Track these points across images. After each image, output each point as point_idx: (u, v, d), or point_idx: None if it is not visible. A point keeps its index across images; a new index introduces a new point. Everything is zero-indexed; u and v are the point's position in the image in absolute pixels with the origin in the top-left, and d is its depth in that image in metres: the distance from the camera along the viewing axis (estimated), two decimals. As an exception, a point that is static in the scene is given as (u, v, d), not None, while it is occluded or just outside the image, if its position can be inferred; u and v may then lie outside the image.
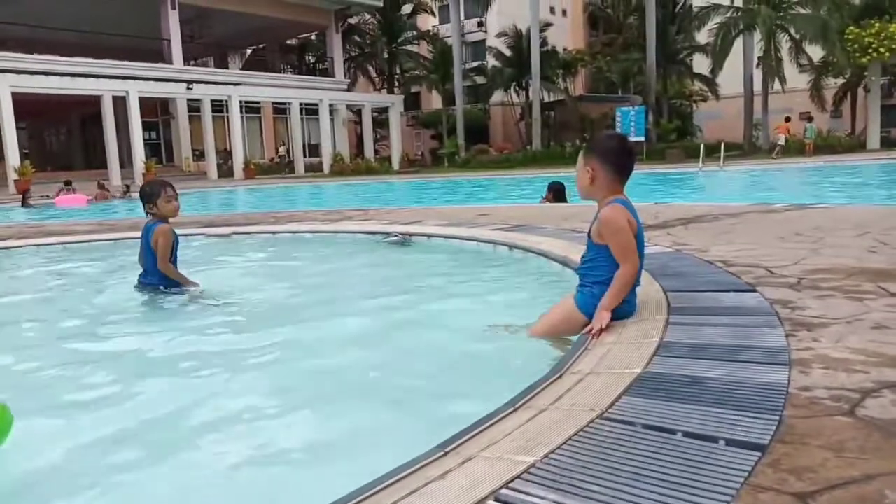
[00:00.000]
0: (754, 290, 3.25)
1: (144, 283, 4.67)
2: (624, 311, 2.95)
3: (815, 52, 28.86)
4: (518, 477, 1.53)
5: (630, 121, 29.62)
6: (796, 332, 2.52)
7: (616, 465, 1.56)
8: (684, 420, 1.78)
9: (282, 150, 35.79)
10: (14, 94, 23.67)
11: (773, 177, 19.78)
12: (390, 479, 1.55)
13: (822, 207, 7.41)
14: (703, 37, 32.87)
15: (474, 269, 5.49)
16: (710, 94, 36.07)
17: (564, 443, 1.70)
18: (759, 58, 29.13)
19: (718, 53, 29.69)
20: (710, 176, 20.35)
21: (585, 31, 49.69)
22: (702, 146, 24.42)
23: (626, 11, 43.34)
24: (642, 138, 29.56)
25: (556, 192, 9.56)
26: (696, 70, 36.54)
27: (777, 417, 1.76)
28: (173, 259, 4.61)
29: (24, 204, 17.94)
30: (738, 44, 29.05)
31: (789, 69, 29.16)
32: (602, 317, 2.82)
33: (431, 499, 1.46)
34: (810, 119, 27.45)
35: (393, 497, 1.47)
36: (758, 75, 29.19)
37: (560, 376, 2.27)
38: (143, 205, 4.64)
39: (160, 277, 4.57)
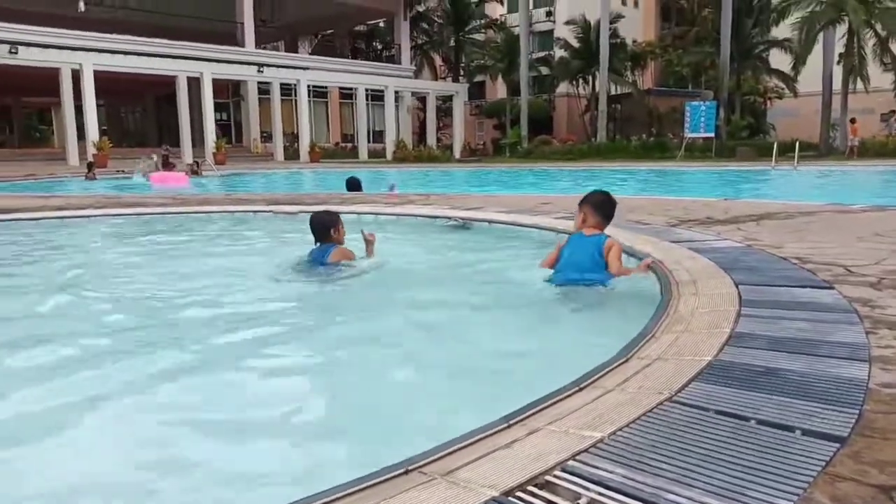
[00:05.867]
0: (832, 288, 3.13)
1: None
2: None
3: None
4: (585, 451, 1.53)
5: (700, 116, 28.79)
6: (877, 330, 2.43)
7: (686, 447, 1.54)
8: (759, 408, 1.74)
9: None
10: (94, 73, 24.60)
11: (851, 178, 18.92)
12: (458, 444, 1.56)
13: (905, 210, 7.06)
14: (780, 31, 31.53)
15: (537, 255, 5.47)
16: (786, 90, 34.67)
17: (632, 422, 1.68)
18: (839, 54, 27.79)
19: (803, 48, 28.34)
20: (784, 175, 19.60)
21: (657, 23, 48.48)
22: (775, 145, 23.54)
23: (700, 3, 41.95)
24: (712, 134, 28.72)
25: (352, 186, 11.12)
26: (772, 66, 35.16)
27: (857, 411, 1.71)
28: None
29: (88, 176, 18.58)
30: (818, 39, 27.75)
31: (871, 67, 27.75)
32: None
33: (500, 464, 1.47)
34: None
35: (465, 458, 1.49)
36: (837, 73, 27.85)
37: (627, 360, 2.25)
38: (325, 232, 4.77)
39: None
